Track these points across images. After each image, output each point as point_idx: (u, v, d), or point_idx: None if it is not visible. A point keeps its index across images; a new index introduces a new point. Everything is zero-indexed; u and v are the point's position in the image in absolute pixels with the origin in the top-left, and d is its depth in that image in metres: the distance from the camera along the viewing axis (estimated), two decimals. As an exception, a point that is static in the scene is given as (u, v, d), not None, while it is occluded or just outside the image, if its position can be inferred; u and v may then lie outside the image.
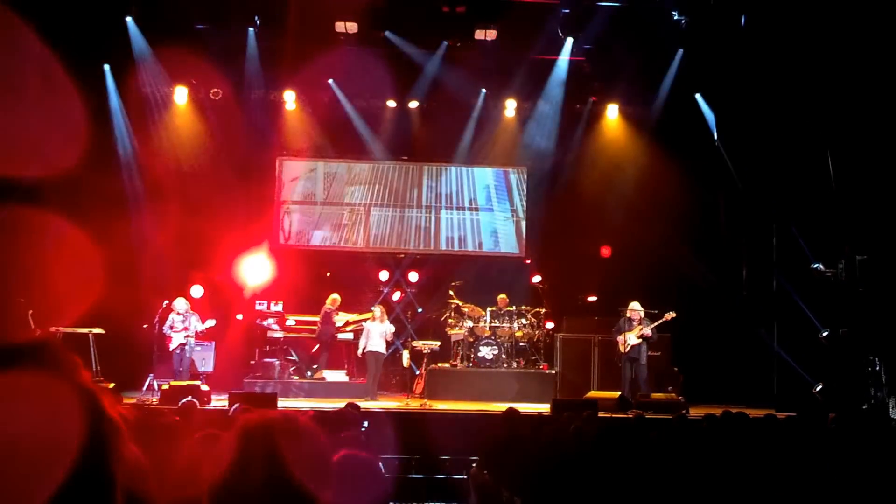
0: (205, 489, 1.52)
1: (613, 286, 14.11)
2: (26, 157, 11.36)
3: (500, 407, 8.78)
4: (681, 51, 13.83)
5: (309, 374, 13.44)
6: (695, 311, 13.44)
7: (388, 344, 12.83)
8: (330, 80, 14.50)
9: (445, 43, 13.81)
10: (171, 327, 12.05)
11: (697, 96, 14.41)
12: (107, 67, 13.60)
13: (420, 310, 14.72)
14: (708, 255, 14.25)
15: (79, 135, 11.42)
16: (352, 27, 13.12)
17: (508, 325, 13.72)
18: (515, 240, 15.63)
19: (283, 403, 10.17)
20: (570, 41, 13.61)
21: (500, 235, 15.67)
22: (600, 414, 9.78)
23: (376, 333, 12.49)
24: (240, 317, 14.09)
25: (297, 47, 13.76)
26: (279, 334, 13.85)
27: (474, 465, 6.18)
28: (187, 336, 12.07)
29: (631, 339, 12.12)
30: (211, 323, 12.40)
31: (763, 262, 13.35)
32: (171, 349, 12.02)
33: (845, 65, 11.47)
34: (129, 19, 13.08)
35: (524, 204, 15.58)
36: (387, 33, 13.56)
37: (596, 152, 15.00)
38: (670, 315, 12.13)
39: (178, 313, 12.11)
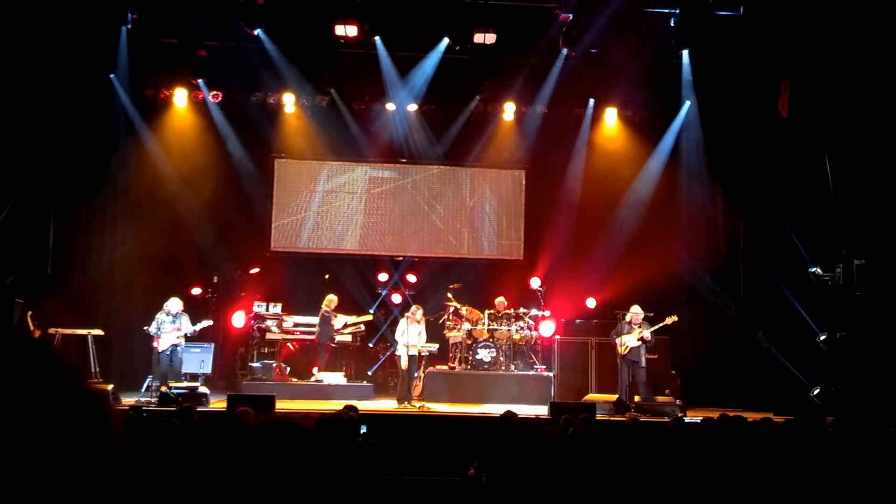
0: None
1: (612, 289, 14.12)
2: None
3: (497, 409, 8.79)
4: (684, 53, 13.84)
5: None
6: (693, 314, 13.46)
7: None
8: (329, 83, 14.51)
9: (444, 45, 13.82)
10: (160, 328, 11.83)
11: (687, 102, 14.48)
12: (112, 77, 13.63)
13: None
14: (707, 258, 14.27)
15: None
16: (351, 30, 13.13)
17: (507, 327, 13.73)
18: (514, 243, 15.64)
19: (280, 405, 10.18)
20: (569, 44, 13.63)
21: (499, 238, 15.68)
22: (598, 417, 9.80)
23: (415, 336, 12.21)
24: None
25: (297, 50, 13.79)
26: (278, 336, 13.86)
27: (472, 468, 6.19)
28: (178, 337, 11.94)
29: (629, 341, 12.13)
30: (206, 324, 12.27)
31: (761, 265, 13.37)
32: (160, 350, 11.77)
33: (844, 68, 11.49)
34: (123, 29, 13.05)
35: (523, 207, 15.60)
36: (376, 39, 13.60)
37: (594, 155, 15.02)
38: (671, 319, 12.14)
39: (169, 314, 11.90)
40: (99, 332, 12.30)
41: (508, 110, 14.78)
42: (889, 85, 11.13)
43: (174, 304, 11.98)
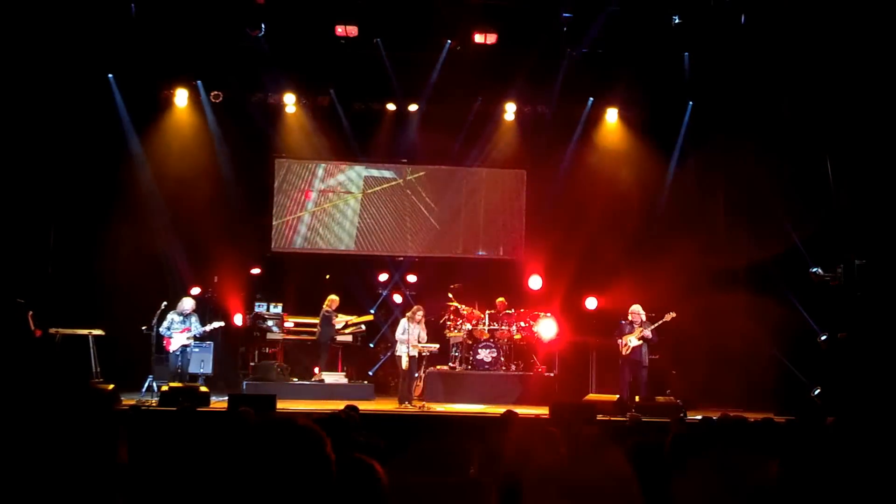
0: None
1: (612, 289, 14.12)
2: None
3: (498, 410, 8.78)
4: (686, 55, 13.85)
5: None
6: (694, 313, 13.43)
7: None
8: (329, 83, 14.51)
9: (446, 46, 13.81)
10: (170, 328, 12.02)
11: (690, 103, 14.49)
12: (111, 77, 13.63)
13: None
14: (707, 257, 14.25)
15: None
16: (351, 30, 13.13)
17: (507, 327, 13.72)
18: (515, 243, 15.63)
19: (281, 405, 10.17)
20: (569, 44, 13.64)
21: (500, 238, 15.68)
22: (598, 417, 9.79)
23: (415, 336, 12.23)
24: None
25: (299, 50, 13.78)
26: (278, 336, 13.85)
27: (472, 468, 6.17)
28: (189, 338, 12.04)
29: (631, 341, 12.13)
30: (217, 324, 12.42)
31: (762, 264, 13.34)
32: (170, 350, 11.97)
33: (845, 69, 11.49)
34: (123, 29, 13.04)
35: (523, 207, 15.59)
36: (378, 41, 13.59)
37: (595, 155, 15.02)
38: (670, 315, 12.16)
39: (181, 314, 12.07)
40: (99, 332, 12.30)
41: (509, 110, 14.78)
42: (889, 84, 11.12)
43: (187, 304, 12.14)
